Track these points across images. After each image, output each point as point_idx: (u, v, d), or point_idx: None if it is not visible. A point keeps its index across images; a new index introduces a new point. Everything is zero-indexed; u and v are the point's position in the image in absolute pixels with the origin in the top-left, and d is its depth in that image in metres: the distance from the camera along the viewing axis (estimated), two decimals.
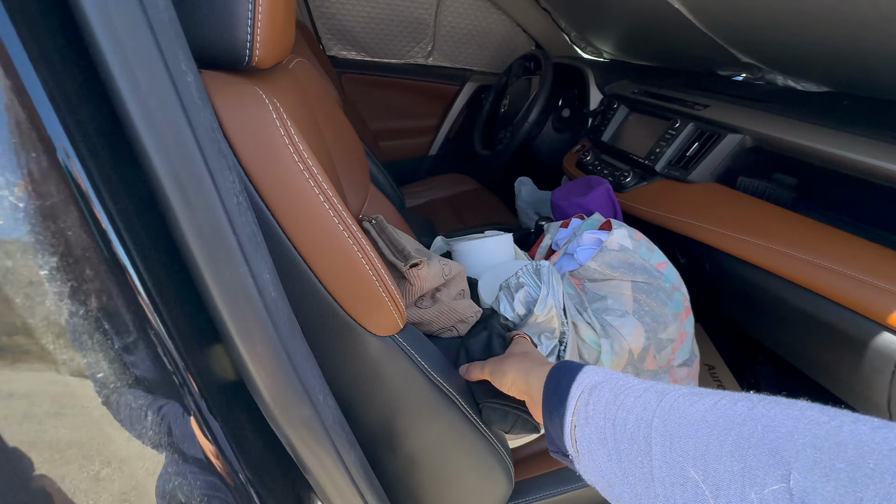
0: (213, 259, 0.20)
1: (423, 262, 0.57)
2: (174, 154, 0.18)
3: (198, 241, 0.19)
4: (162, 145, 0.17)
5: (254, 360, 0.21)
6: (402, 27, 1.78)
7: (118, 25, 0.15)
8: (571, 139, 1.50)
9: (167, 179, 0.18)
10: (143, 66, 0.16)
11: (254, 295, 0.21)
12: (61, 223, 0.16)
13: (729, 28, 1.09)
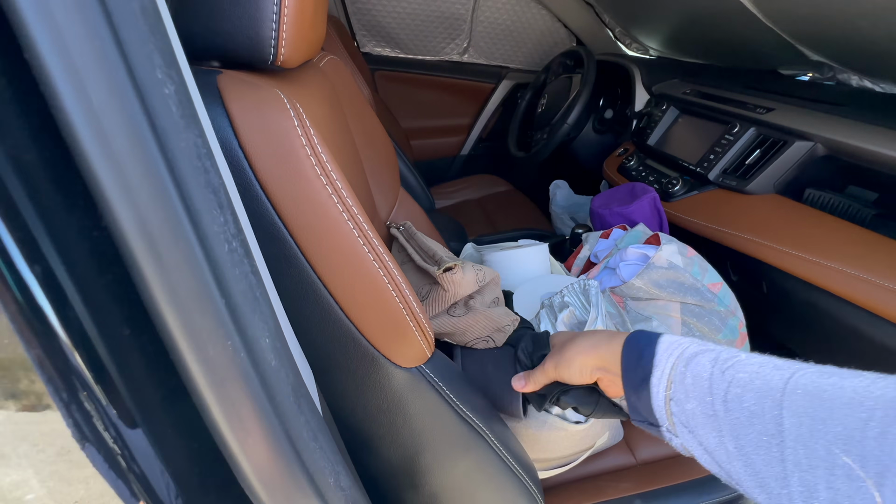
0: (193, 333, 0.16)
1: (457, 266, 0.52)
2: (138, 194, 0.14)
3: (172, 310, 0.15)
4: (120, 182, 0.13)
5: (244, 449, 0.17)
6: (437, 23, 1.73)
7: (58, 15, 0.11)
8: (613, 142, 1.42)
9: (130, 228, 0.14)
10: (94, 75, 0.12)
11: (247, 372, 0.17)
12: None
13: (798, 22, 0.98)
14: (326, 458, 0.20)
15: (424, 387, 0.40)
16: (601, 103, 1.49)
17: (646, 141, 1.22)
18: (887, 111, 0.88)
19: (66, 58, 0.11)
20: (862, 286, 0.70)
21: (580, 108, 1.28)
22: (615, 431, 0.76)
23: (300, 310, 0.33)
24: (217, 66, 0.40)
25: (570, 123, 1.31)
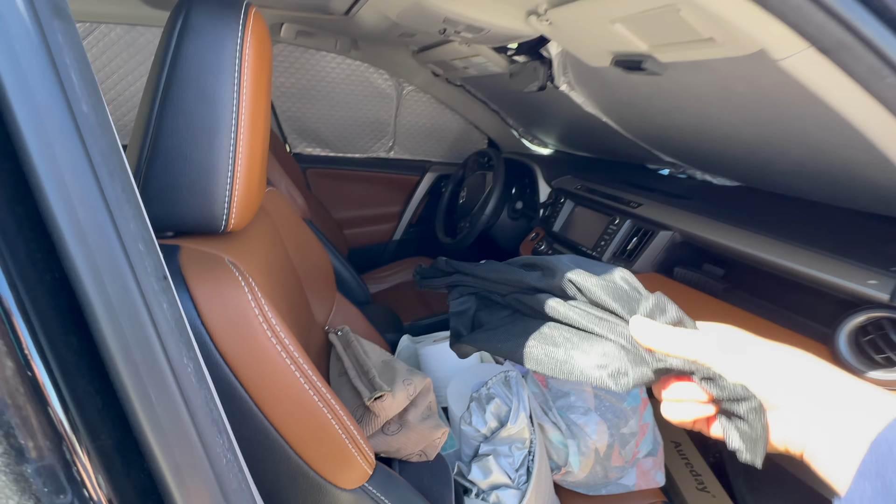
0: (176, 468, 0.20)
1: (387, 394, 0.59)
2: (133, 350, 0.19)
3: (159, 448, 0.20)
4: (141, 396, 0.19)
5: None
6: (364, 126, 1.91)
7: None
8: (526, 227, 1.62)
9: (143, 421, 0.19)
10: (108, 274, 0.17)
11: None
12: None
13: (650, 136, 1.27)
14: None
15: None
16: (513, 192, 1.71)
17: (552, 227, 1.42)
18: (721, 200, 1.14)
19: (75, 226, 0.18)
20: None
21: (494, 200, 1.47)
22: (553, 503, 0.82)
23: (255, 453, 0.38)
24: (171, 236, 0.46)
25: (487, 213, 1.49)
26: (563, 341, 0.36)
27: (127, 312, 0.19)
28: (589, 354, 0.34)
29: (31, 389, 0.17)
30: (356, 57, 1.67)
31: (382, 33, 1.33)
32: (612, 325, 0.35)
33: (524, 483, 0.67)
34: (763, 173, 1.10)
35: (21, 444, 0.17)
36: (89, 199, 0.18)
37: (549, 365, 0.36)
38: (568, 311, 0.37)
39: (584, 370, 0.34)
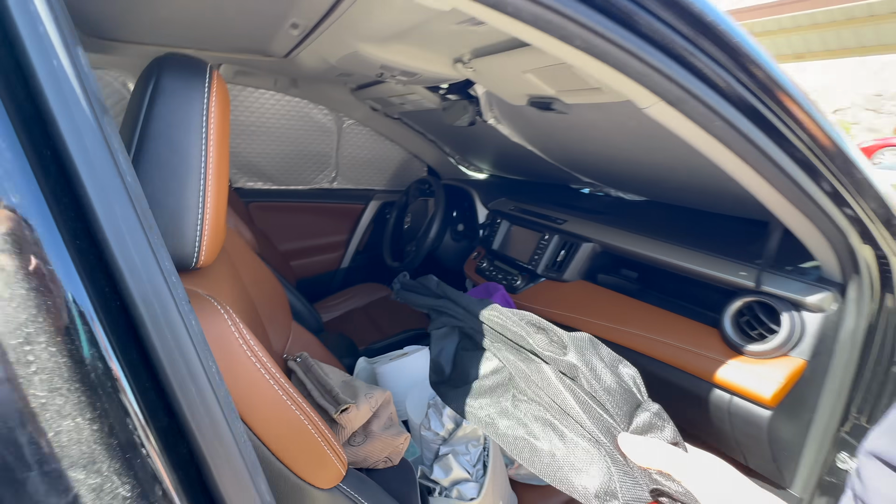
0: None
1: (351, 406, 0.64)
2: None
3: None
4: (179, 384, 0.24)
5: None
6: (306, 159, 1.96)
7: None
8: (469, 247, 1.74)
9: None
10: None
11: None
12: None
13: (569, 162, 1.44)
14: None
15: (345, 502, 0.50)
16: (455, 216, 1.83)
17: (491, 246, 1.54)
18: (631, 214, 1.32)
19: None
20: (639, 340, 1.02)
21: (437, 224, 1.57)
22: (510, 499, 0.89)
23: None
24: None
25: (431, 237, 1.59)
26: (549, 435, 0.34)
27: (170, 328, 0.24)
28: (574, 460, 0.33)
29: (113, 384, 0.22)
30: (295, 94, 1.73)
31: (321, 73, 1.41)
32: (605, 426, 0.33)
33: (482, 476, 0.75)
34: (661, 189, 1.31)
35: (110, 423, 0.22)
36: (140, 246, 0.23)
37: (531, 461, 0.34)
38: (567, 395, 0.35)
39: (569, 481, 0.32)
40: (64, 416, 0.22)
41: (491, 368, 0.43)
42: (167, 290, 0.24)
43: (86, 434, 0.21)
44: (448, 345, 0.47)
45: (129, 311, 0.23)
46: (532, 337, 0.40)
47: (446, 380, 0.44)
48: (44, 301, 0.21)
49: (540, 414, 0.36)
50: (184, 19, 0.97)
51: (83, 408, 0.21)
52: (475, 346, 0.45)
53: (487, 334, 0.43)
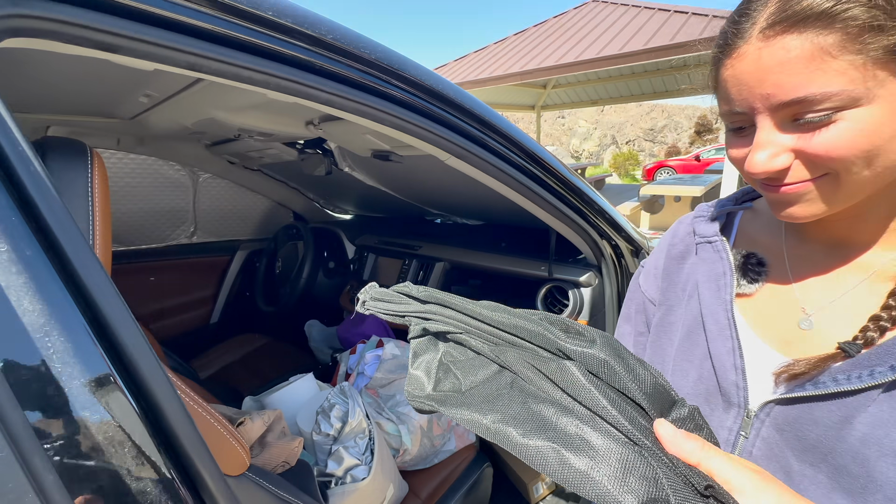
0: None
1: (246, 419, 0.75)
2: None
3: None
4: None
5: None
6: (159, 217, 1.88)
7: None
8: (342, 281, 1.88)
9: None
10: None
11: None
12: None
13: (417, 198, 1.72)
14: None
15: (252, 488, 0.61)
16: (325, 255, 1.96)
17: (362, 277, 1.72)
18: (471, 235, 1.65)
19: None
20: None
21: (309, 265, 1.69)
22: (400, 483, 1.05)
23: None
24: None
25: (304, 277, 1.70)
26: (577, 442, 0.30)
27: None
28: (612, 469, 0.28)
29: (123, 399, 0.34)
30: (142, 152, 1.69)
31: (173, 133, 1.45)
32: (643, 428, 0.30)
33: (370, 461, 0.90)
34: (489, 214, 1.66)
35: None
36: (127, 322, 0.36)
37: (560, 473, 0.29)
38: (597, 394, 0.31)
39: (609, 495, 0.27)
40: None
41: (490, 373, 0.37)
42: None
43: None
44: (430, 354, 0.42)
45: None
46: (552, 332, 0.35)
47: (432, 393, 0.39)
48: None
49: (561, 419, 0.31)
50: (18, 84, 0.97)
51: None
52: (468, 352, 0.40)
53: (487, 337, 0.38)
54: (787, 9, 0.33)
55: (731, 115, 0.39)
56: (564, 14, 8.98)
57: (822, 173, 0.36)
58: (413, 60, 0.71)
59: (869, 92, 0.32)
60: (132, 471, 0.38)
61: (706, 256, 0.54)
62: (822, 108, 0.33)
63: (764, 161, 0.36)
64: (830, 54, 0.31)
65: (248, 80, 0.55)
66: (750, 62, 0.35)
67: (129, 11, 0.44)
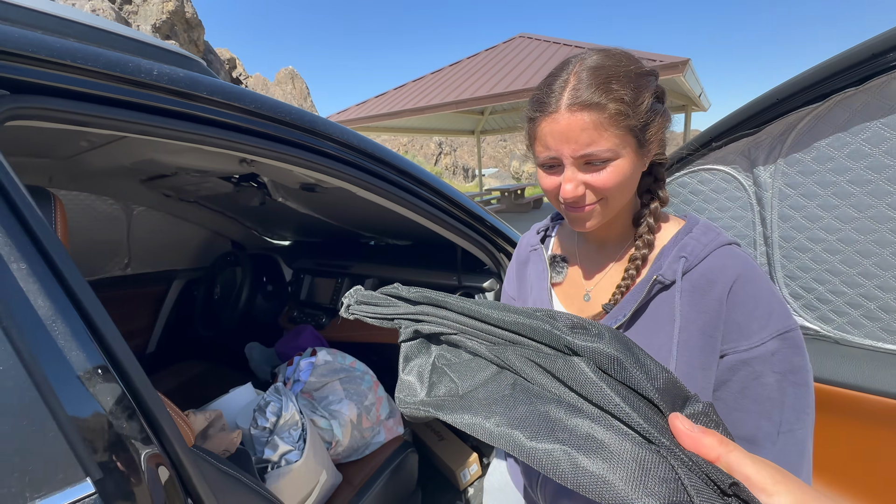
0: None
1: (189, 412, 0.89)
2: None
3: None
4: None
5: None
6: (90, 250, 1.91)
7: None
8: (281, 304, 2.00)
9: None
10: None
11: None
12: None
13: (349, 223, 1.91)
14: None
15: (199, 461, 0.76)
16: (264, 280, 2.07)
17: (300, 298, 1.86)
18: (399, 254, 1.85)
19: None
20: None
21: (247, 290, 1.81)
22: (333, 472, 1.19)
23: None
24: None
25: (243, 301, 1.81)
26: (589, 443, 0.28)
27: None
28: (629, 470, 0.26)
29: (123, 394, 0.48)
30: (75, 188, 1.75)
31: (109, 171, 1.54)
32: (658, 425, 0.28)
33: (303, 447, 1.05)
34: (411, 235, 1.88)
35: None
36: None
37: (573, 478, 0.28)
38: (609, 391, 0.30)
39: (627, 499, 0.25)
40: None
41: (490, 374, 0.36)
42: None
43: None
44: (422, 358, 0.40)
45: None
46: (557, 328, 0.34)
47: (426, 399, 0.38)
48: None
49: (571, 419, 0.30)
50: None
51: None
52: (463, 354, 0.39)
53: (485, 336, 0.37)
54: (577, 96, 0.54)
55: (547, 159, 0.58)
56: (496, 47, 9.72)
57: (600, 198, 0.58)
58: (321, 117, 0.92)
59: (622, 151, 0.55)
60: (123, 431, 0.53)
61: (534, 259, 0.79)
62: (601, 158, 0.55)
63: (571, 190, 0.57)
64: (605, 127, 0.54)
65: (190, 140, 0.73)
66: (562, 124, 0.55)
67: (98, 98, 0.61)
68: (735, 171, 0.79)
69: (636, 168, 0.58)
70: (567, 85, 0.56)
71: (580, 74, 0.56)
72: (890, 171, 0.61)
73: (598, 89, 0.53)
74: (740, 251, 0.58)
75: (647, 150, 0.58)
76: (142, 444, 0.53)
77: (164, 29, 11.50)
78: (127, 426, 0.52)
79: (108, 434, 0.50)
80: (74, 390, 0.48)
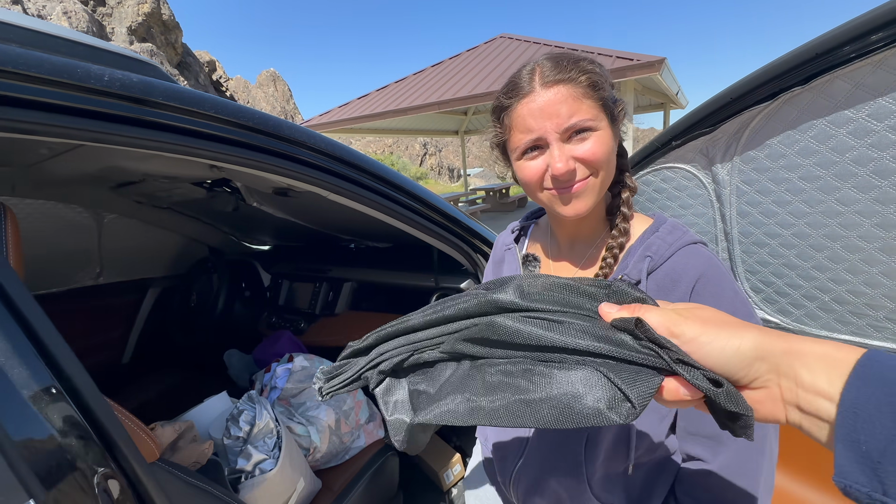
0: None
1: (156, 426, 0.87)
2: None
3: None
4: None
5: None
6: (59, 260, 1.85)
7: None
8: (259, 309, 1.97)
9: None
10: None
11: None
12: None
13: (326, 226, 1.89)
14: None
15: (165, 475, 0.74)
16: (243, 286, 2.04)
17: (278, 303, 1.84)
18: (379, 257, 1.84)
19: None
20: None
21: (224, 297, 1.78)
22: (311, 478, 1.18)
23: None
24: None
25: (221, 307, 1.78)
26: (535, 382, 0.32)
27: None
28: (573, 389, 0.30)
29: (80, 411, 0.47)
30: (40, 197, 1.70)
31: (74, 178, 1.50)
32: (582, 330, 0.31)
33: (278, 455, 1.03)
34: (387, 237, 1.87)
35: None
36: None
37: (532, 416, 0.31)
38: (530, 328, 0.32)
39: (579, 413, 0.29)
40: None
41: (452, 369, 0.38)
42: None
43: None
44: (399, 393, 0.41)
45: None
46: (478, 296, 0.37)
47: (415, 419, 0.39)
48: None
49: (515, 369, 0.33)
50: None
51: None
52: (425, 369, 0.40)
53: (435, 342, 0.39)
54: (547, 76, 0.56)
55: (530, 142, 0.58)
56: (477, 48, 9.75)
57: (590, 173, 0.58)
58: (287, 121, 0.91)
59: (601, 123, 0.56)
60: (73, 449, 0.51)
61: (509, 258, 0.79)
62: (585, 126, 0.55)
63: (563, 165, 0.56)
64: (582, 97, 0.55)
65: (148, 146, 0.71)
66: (541, 101, 0.56)
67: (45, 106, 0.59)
68: (695, 169, 0.80)
69: (613, 144, 0.59)
70: (534, 72, 0.58)
71: (543, 64, 0.58)
72: (837, 167, 0.63)
73: (566, 68, 0.56)
74: (705, 250, 0.59)
75: (617, 128, 0.60)
76: (93, 462, 0.52)
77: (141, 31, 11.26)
78: (76, 445, 0.51)
79: (54, 454, 0.48)
80: (18, 410, 0.46)
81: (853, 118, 0.59)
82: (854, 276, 0.67)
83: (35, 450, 0.47)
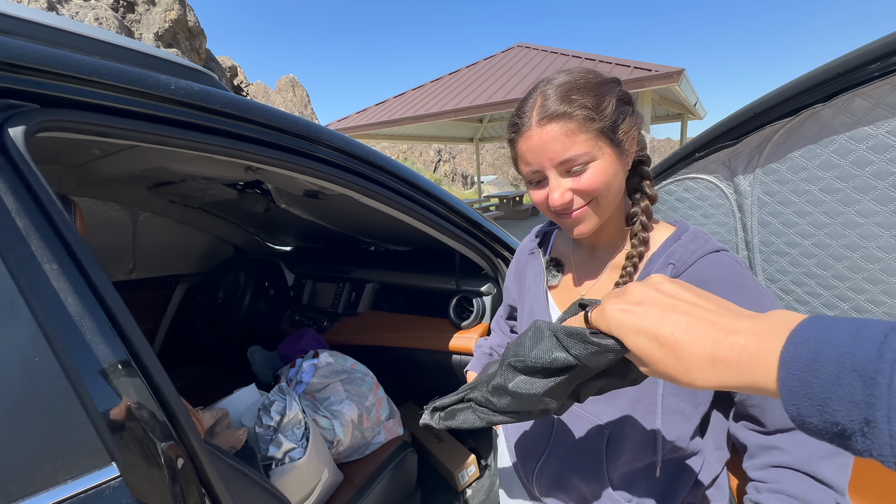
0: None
1: (197, 409, 0.92)
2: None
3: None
4: None
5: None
6: (96, 253, 1.94)
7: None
8: (282, 307, 2.04)
9: None
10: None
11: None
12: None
13: (351, 229, 1.95)
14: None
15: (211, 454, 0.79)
16: (266, 285, 2.11)
17: (301, 301, 1.90)
18: (399, 259, 1.89)
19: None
20: (408, 339, 1.53)
21: (250, 295, 1.84)
22: (335, 470, 1.23)
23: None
24: None
25: (246, 305, 1.85)
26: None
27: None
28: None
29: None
30: (83, 195, 1.79)
31: (118, 178, 1.58)
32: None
33: (306, 445, 1.08)
34: (411, 241, 1.92)
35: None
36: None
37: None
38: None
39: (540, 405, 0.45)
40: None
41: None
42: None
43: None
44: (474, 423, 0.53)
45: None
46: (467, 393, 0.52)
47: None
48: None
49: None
50: None
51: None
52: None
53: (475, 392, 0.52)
54: (544, 111, 0.59)
55: (531, 174, 0.62)
56: (494, 57, 9.84)
57: (589, 200, 0.61)
58: (325, 127, 0.97)
59: (599, 153, 0.59)
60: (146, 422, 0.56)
61: (532, 263, 0.83)
62: (579, 162, 0.58)
63: (558, 197, 0.60)
64: (575, 133, 0.58)
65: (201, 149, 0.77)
66: (535, 139, 0.59)
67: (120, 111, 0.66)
68: (717, 180, 0.83)
69: (617, 167, 0.61)
70: (535, 104, 0.60)
71: (546, 92, 0.60)
72: (857, 180, 0.65)
73: (562, 102, 0.58)
74: (728, 257, 0.60)
75: (623, 150, 0.61)
76: (161, 434, 0.57)
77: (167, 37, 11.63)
78: (148, 417, 0.56)
79: (131, 424, 0.54)
80: (101, 382, 0.52)
81: (873, 134, 0.61)
82: (873, 285, 0.69)
83: (115, 419, 0.52)
